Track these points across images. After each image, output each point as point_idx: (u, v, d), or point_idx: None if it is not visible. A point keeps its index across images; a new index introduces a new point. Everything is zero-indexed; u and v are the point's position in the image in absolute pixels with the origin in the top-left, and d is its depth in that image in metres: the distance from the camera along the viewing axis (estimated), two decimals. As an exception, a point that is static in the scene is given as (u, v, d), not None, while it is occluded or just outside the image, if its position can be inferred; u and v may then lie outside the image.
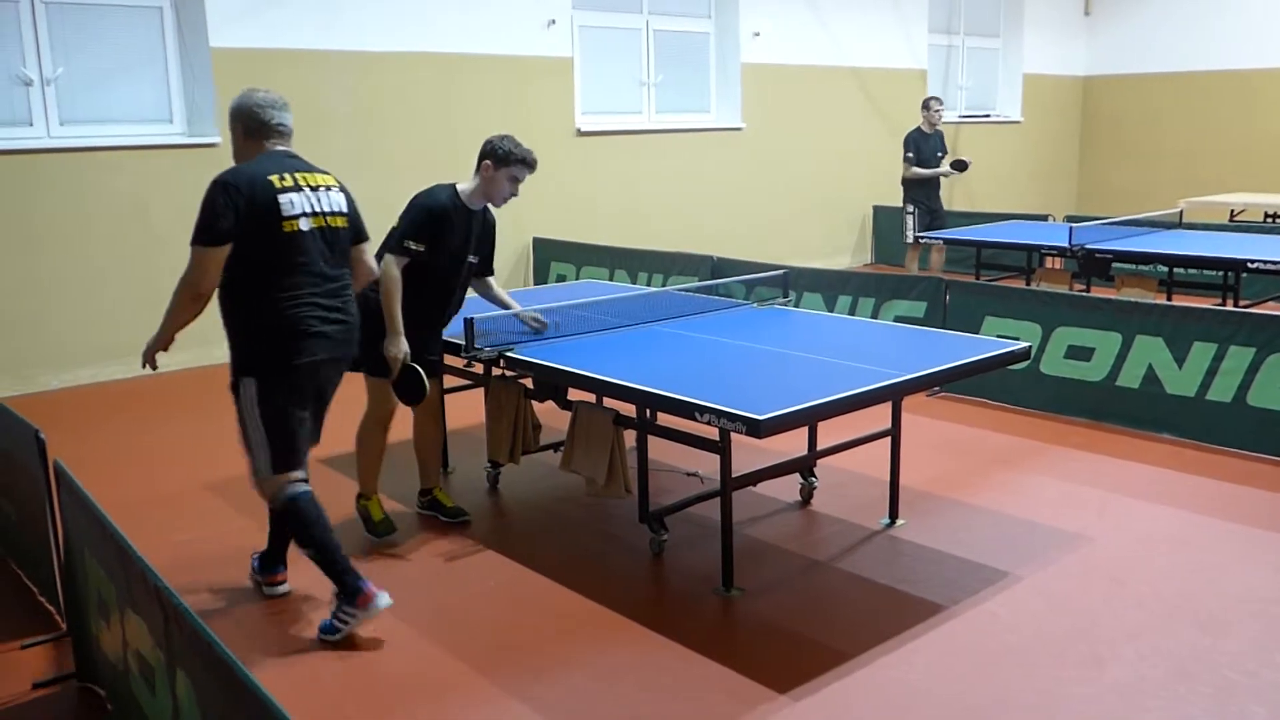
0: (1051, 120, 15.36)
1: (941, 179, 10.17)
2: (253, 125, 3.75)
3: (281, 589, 4.11)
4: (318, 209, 3.68)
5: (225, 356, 3.73)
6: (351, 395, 4.27)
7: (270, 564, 4.12)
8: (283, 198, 3.59)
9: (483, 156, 4.41)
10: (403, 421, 4.69)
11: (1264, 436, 5.49)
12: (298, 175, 3.68)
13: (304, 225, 3.63)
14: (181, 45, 7.97)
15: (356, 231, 3.91)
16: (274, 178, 3.61)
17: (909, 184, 10.02)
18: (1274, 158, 13.92)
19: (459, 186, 4.46)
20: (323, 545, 3.65)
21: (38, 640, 3.71)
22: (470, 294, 4.81)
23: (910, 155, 9.89)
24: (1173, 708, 3.21)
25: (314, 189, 3.70)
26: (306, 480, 3.73)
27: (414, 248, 4.30)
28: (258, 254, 3.58)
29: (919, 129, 10.04)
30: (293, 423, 3.66)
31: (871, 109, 12.74)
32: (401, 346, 4.29)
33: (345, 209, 3.81)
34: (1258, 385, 5.52)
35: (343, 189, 3.85)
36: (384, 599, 3.68)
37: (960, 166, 10.05)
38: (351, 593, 3.64)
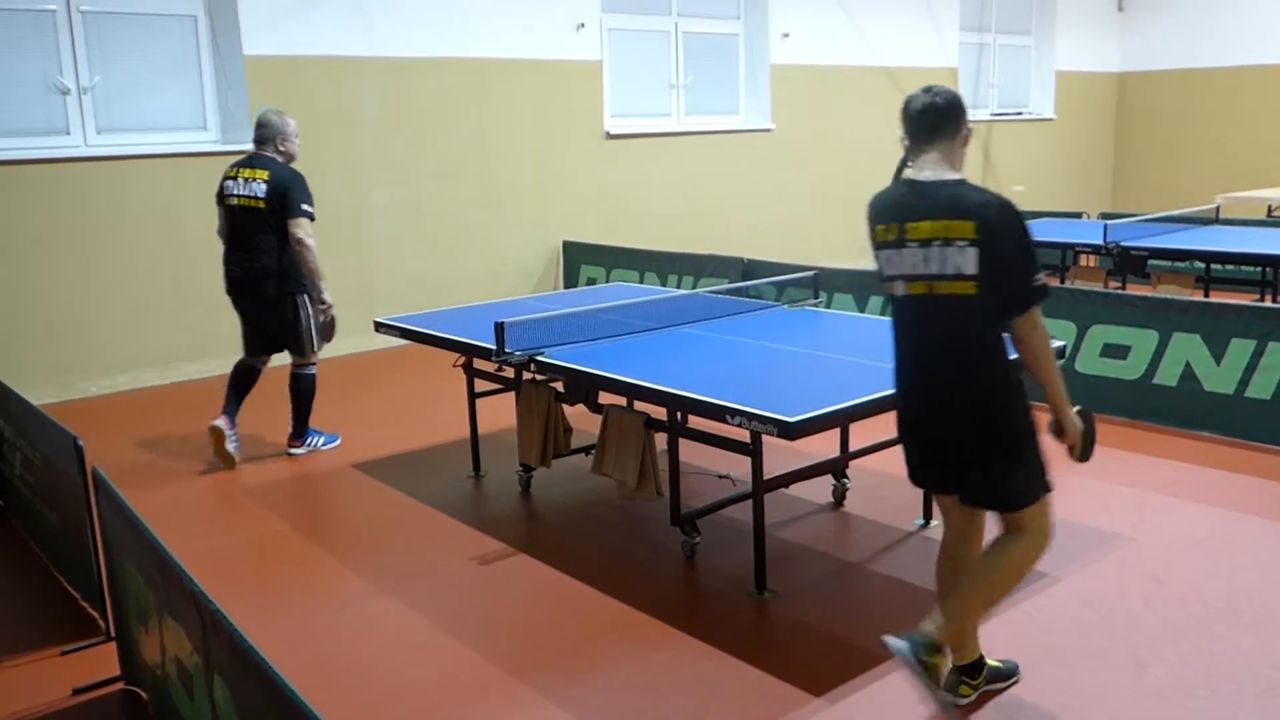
0: (1085, 117, 15.20)
1: None
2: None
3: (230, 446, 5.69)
4: (241, 193, 5.51)
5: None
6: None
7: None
8: (226, 183, 5.61)
9: (961, 115, 3.18)
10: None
11: (1306, 434, 5.41)
12: (240, 169, 5.56)
13: (232, 202, 5.55)
14: (215, 53, 8.06)
15: (284, 210, 5.42)
16: (229, 169, 5.62)
17: None
18: (1313, 152, 13.71)
19: (923, 176, 3.29)
20: (231, 389, 5.77)
21: (77, 646, 3.75)
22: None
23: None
24: (1215, 710, 3.16)
25: (246, 180, 5.51)
26: (254, 360, 5.77)
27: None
28: None
29: None
30: (242, 328, 5.79)
31: (902, 108, 12.65)
32: (1076, 422, 3.04)
33: (261, 195, 5.45)
34: (1299, 382, 5.44)
35: (270, 181, 5.42)
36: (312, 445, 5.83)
37: None
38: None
